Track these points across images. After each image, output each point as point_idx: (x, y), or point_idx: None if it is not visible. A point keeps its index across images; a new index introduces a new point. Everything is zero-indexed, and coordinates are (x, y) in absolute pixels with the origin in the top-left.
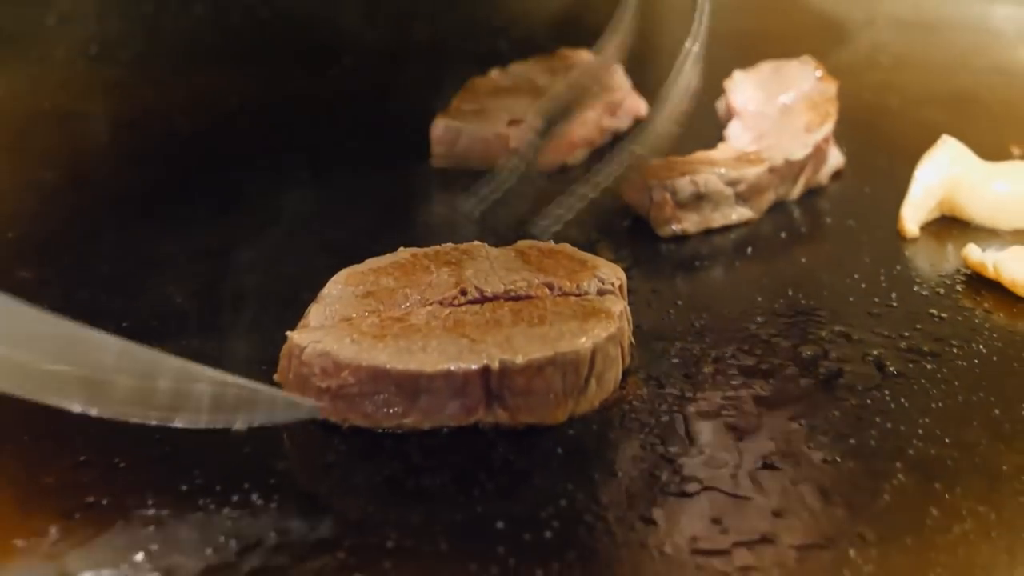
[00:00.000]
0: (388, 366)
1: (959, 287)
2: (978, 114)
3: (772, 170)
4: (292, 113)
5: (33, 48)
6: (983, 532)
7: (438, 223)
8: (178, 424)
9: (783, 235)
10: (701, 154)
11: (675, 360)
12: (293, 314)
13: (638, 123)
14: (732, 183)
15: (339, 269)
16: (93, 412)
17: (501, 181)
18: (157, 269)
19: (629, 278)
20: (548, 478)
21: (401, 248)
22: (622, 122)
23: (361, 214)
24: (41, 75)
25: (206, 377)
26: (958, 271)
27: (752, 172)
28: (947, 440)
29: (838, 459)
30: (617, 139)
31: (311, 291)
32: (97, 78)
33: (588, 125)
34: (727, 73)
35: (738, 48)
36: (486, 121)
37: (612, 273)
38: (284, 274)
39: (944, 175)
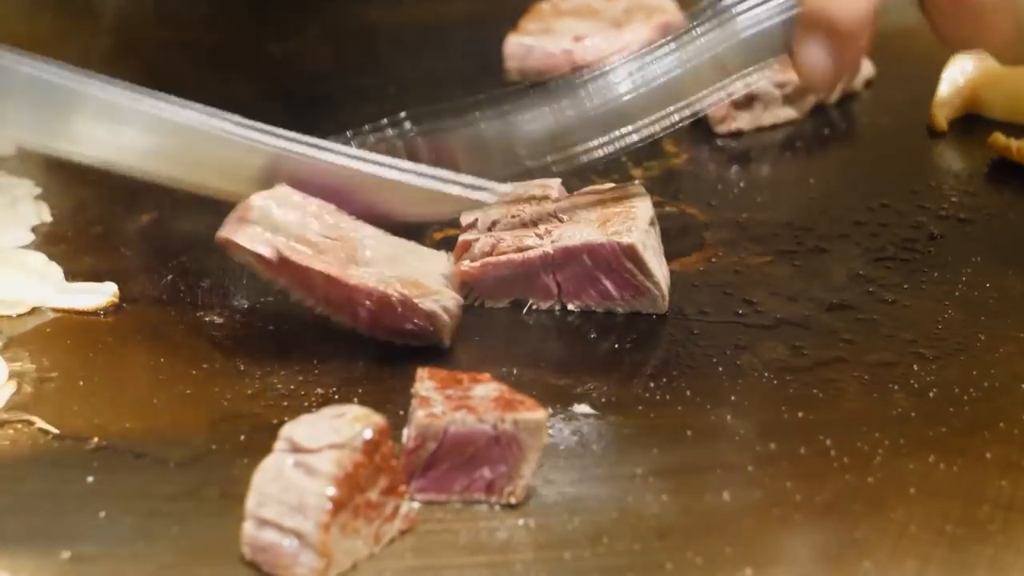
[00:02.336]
0: None
1: (987, 170)
2: None
3: None
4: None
5: None
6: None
7: None
8: None
9: (825, 132)
10: None
11: (743, 230)
12: None
13: None
14: (780, 85)
15: None
16: None
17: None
18: None
19: (691, 169)
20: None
21: None
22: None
23: None
24: None
25: None
26: (985, 158)
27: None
28: (987, 285)
29: (894, 299)
30: None
31: None
32: None
33: (644, 38)
34: None
35: None
36: (552, 37)
37: None
38: None
39: (968, 74)
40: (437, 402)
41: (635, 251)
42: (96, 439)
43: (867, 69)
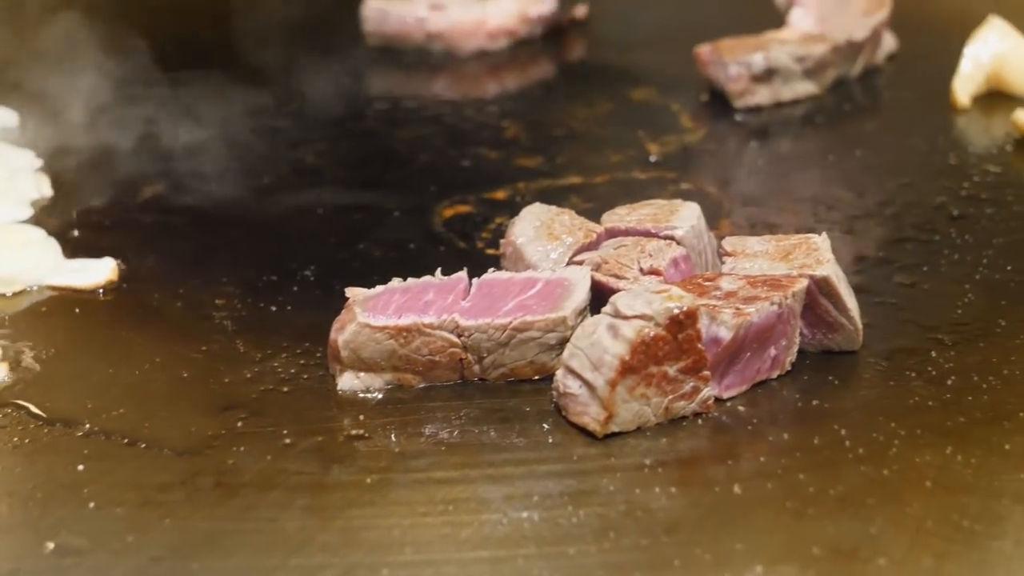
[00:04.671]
0: None
1: (1009, 148)
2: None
3: (835, 49)
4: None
5: None
6: None
7: None
8: None
9: (846, 107)
10: (771, 34)
11: (763, 206)
12: None
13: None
14: (800, 59)
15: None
16: None
17: None
18: None
19: (709, 145)
20: None
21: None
22: (545, 8)
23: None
24: None
25: None
26: (1007, 135)
27: (818, 49)
28: (1009, 268)
29: (913, 282)
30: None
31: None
32: None
33: (509, 15)
34: None
35: None
36: (411, 4)
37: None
38: None
39: (992, 51)
40: (719, 304)
41: (830, 284)
42: (88, 425)
43: (889, 43)
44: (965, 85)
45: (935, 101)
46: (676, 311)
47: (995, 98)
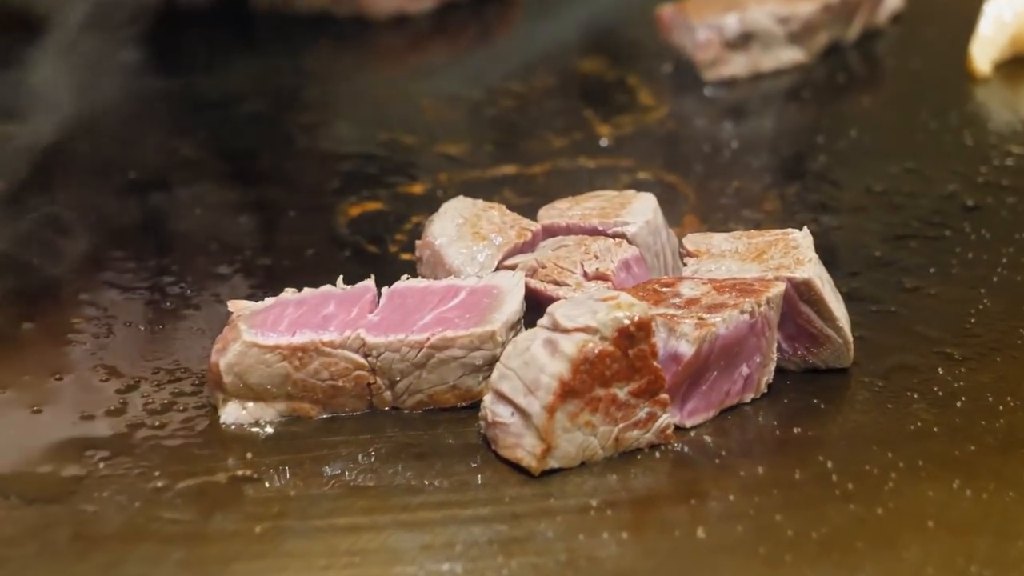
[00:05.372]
0: None
1: None
2: None
3: (827, 7)
4: None
5: None
6: None
7: None
8: None
9: (840, 78)
10: None
11: (733, 200)
12: None
13: None
14: (783, 21)
15: None
16: None
17: None
18: None
19: (673, 126)
20: None
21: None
22: None
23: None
24: None
25: None
26: None
27: (804, 8)
28: None
29: (917, 287)
30: None
31: None
32: None
33: None
34: None
35: None
36: None
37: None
38: None
39: (1018, 7)
40: (679, 314)
41: (812, 288)
42: None
43: (894, 0)
44: (985, 50)
45: (948, 70)
46: (626, 322)
47: (1020, 65)
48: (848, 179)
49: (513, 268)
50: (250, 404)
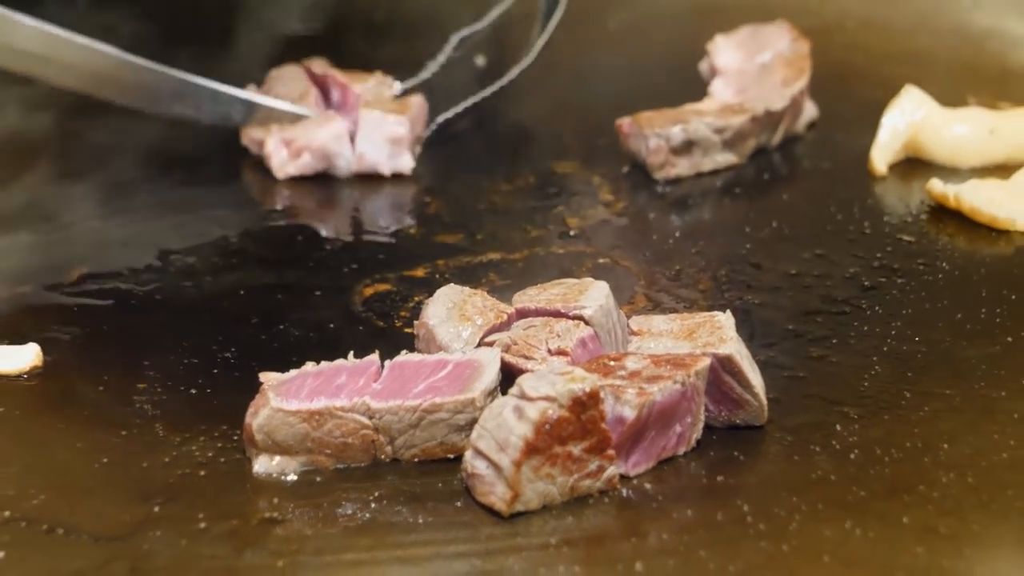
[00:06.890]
0: None
1: (924, 216)
2: (937, 71)
3: (754, 119)
4: None
5: None
6: (950, 409)
7: None
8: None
9: (765, 176)
10: (690, 106)
11: (675, 281)
12: None
13: None
14: (719, 131)
15: None
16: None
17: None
18: None
19: (630, 217)
20: None
21: None
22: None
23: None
24: None
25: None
26: (923, 203)
27: (736, 120)
28: (916, 339)
29: (822, 355)
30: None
31: None
32: None
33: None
34: (709, 37)
35: (719, 16)
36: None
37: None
38: None
39: (909, 119)
40: (623, 384)
41: (733, 362)
42: (8, 512)
43: (811, 111)
44: (882, 153)
45: (853, 169)
46: (579, 392)
47: (912, 165)
48: (768, 263)
49: (491, 345)
50: (277, 457)
